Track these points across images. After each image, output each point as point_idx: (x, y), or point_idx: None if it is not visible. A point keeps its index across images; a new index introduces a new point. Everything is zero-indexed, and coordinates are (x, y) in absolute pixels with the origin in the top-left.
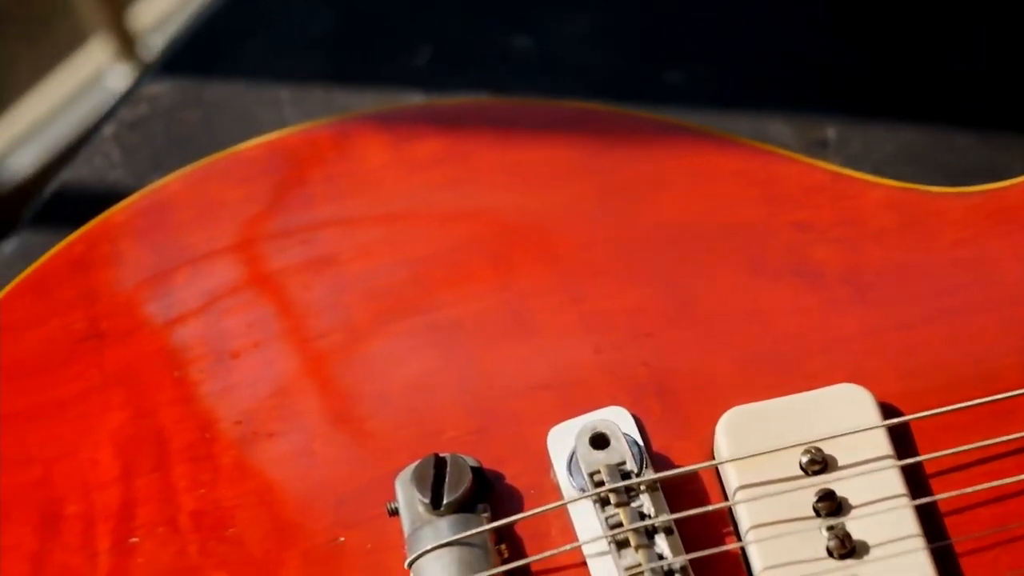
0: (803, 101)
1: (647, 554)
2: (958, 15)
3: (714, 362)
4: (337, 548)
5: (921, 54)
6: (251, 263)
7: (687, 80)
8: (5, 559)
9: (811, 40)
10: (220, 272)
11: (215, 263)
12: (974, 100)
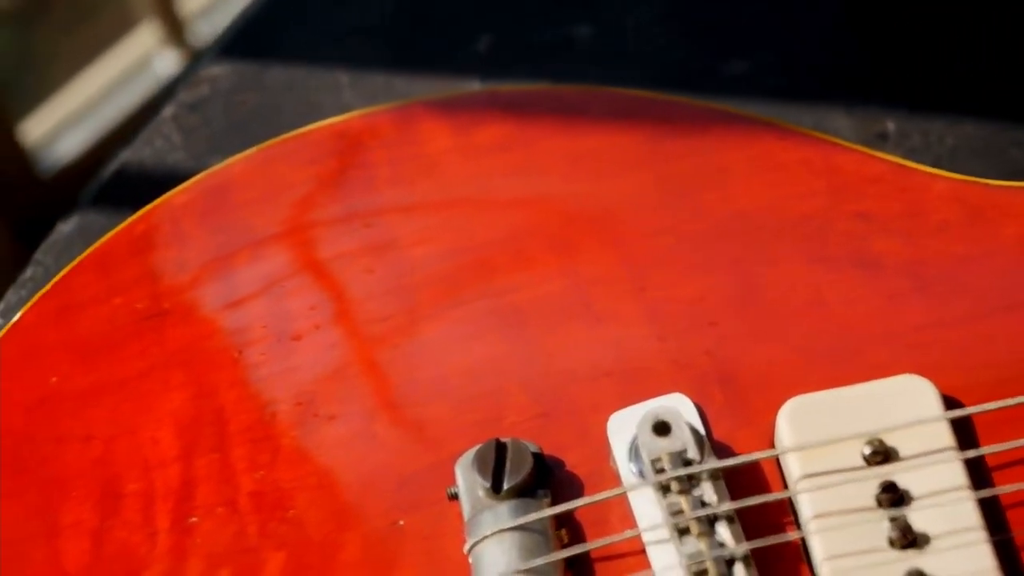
0: (863, 94)
1: (708, 542)
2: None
3: (776, 352)
4: (396, 531)
5: (983, 48)
6: (313, 246)
7: (749, 71)
8: (66, 536)
9: (872, 32)
10: (282, 254)
11: (277, 245)
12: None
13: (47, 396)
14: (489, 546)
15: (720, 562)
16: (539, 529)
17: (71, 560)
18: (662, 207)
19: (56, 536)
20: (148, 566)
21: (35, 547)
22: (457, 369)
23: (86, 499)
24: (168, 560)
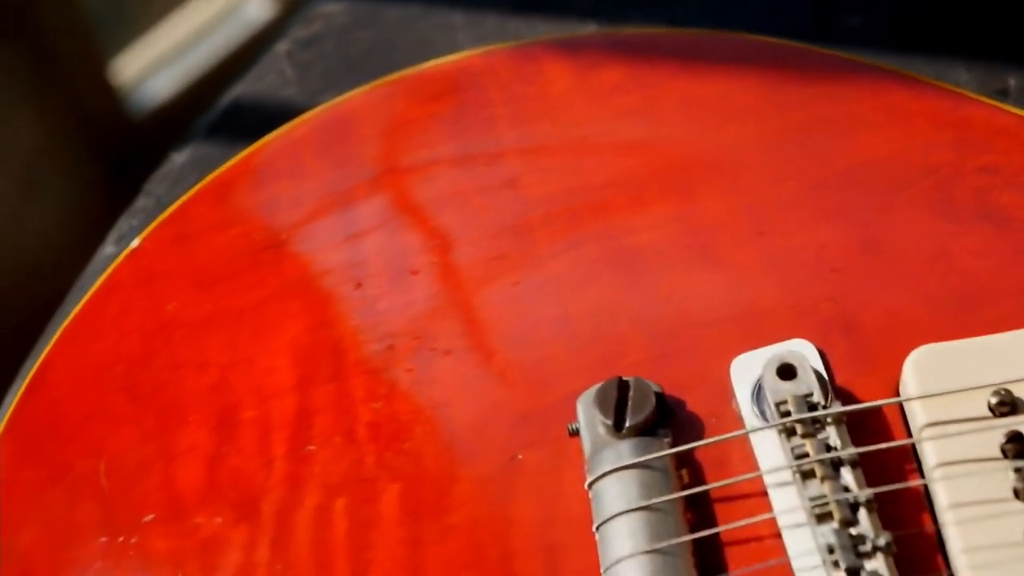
0: (985, 49)
1: (833, 486)
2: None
3: (900, 301)
4: (515, 466)
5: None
6: (432, 182)
7: (867, 24)
8: (182, 460)
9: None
10: (399, 190)
11: (395, 181)
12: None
13: (164, 323)
14: (610, 483)
15: (844, 506)
16: (660, 468)
17: (186, 485)
18: (784, 154)
19: (172, 461)
20: (264, 493)
21: (150, 471)
22: (575, 309)
23: (202, 425)
24: (284, 488)
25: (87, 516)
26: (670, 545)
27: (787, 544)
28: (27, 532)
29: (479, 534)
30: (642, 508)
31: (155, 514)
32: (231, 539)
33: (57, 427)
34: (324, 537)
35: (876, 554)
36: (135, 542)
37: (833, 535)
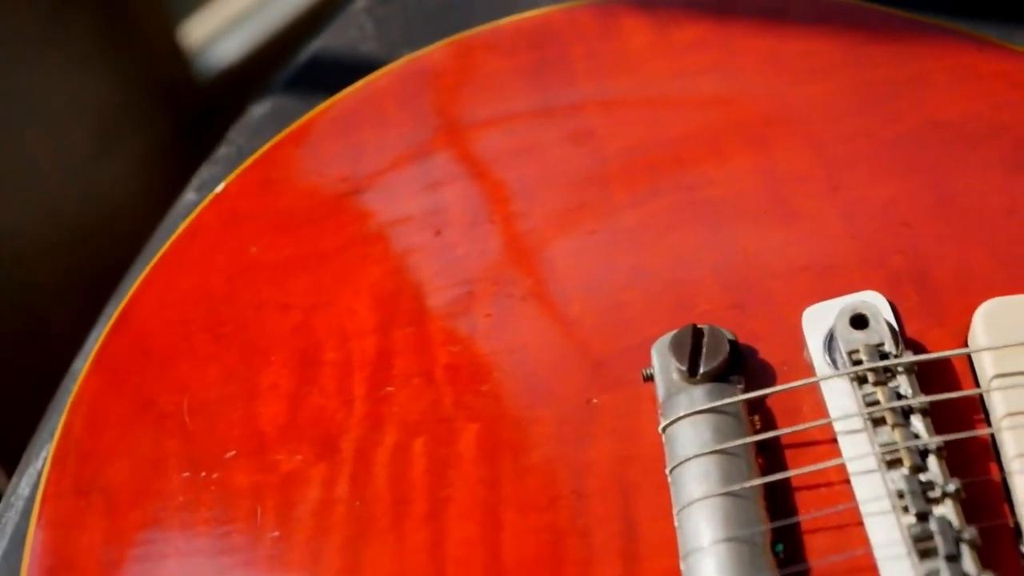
0: None
1: (903, 433)
2: None
3: (970, 256)
4: (590, 409)
5: None
6: (512, 134)
7: None
8: (264, 399)
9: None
10: (481, 140)
11: (476, 131)
12: None
13: (248, 265)
14: (683, 427)
15: (914, 452)
16: (733, 413)
17: (268, 422)
18: (858, 112)
19: (254, 398)
20: (344, 432)
21: (233, 408)
22: (651, 258)
23: (284, 365)
24: (363, 427)
25: (170, 451)
26: (742, 488)
27: (856, 490)
28: (112, 464)
29: (555, 474)
30: (715, 452)
31: (237, 450)
32: (311, 476)
33: (142, 364)
34: (402, 475)
35: (944, 500)
36: (217, 477)
37: (903, 481)
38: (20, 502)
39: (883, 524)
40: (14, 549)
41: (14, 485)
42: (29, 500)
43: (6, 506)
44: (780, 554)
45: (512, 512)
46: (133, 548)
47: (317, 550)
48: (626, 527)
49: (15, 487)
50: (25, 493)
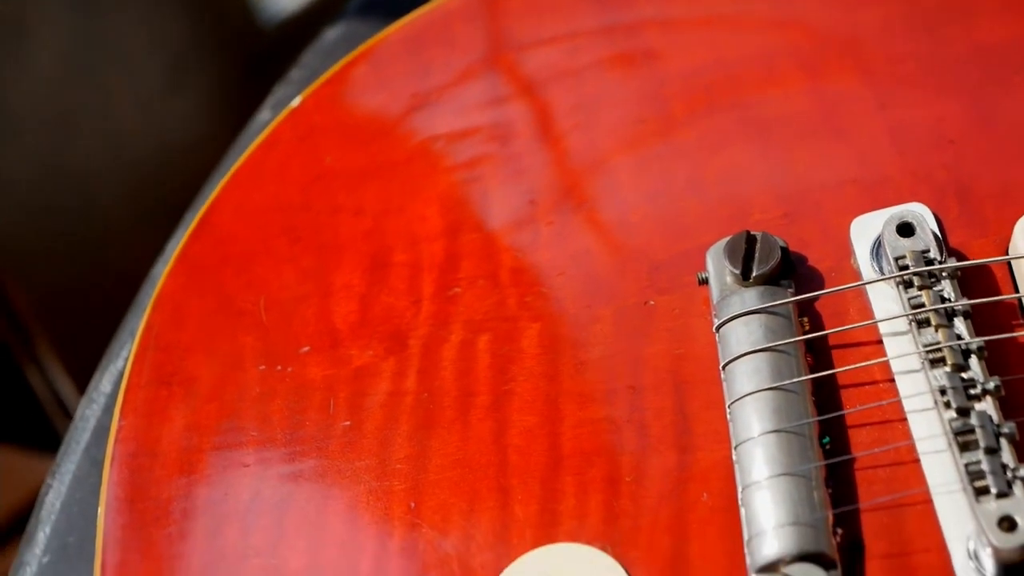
0: None
1: (947, 333)
2: None
3: (1013, 171)
4: (647, 310)
5: None
6: (575, 53)
7: None
8: (337, 298)
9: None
10: (546, 59)
11: (541, 50)
12: None
13: (322, 173)
14: (736, 326)
15: (957, 352)
16: (783, 313)
17: (340, 319)
18: (908, 36)
19: (328, 297)
20: (413, 329)
21: (308, 306)
22: (709, 171)
23: (356, 266)
24: (431, 325)
25: (247, 346)
26: (792, 383)
27: (900, 387)
28: (193, 358)
29: (612, 370)
30: (766, 349)
31: (311, 346)
32: (381, 369)
33: (221, 265)
34: (467, 370)
35: (985, 397)
36: (291, 371)
37: (946, 378)
38: (102, 398)
39: (926, 419)
40: (96, 442)
41: (96, 381)
42: (111, 396)
43: (88, 401)
44: (827, 446)
45: (571, 404)
46: (211, 436)
47: (386, 438)
48: (680, 419)
49: (97, 383)
50: (107, 389)
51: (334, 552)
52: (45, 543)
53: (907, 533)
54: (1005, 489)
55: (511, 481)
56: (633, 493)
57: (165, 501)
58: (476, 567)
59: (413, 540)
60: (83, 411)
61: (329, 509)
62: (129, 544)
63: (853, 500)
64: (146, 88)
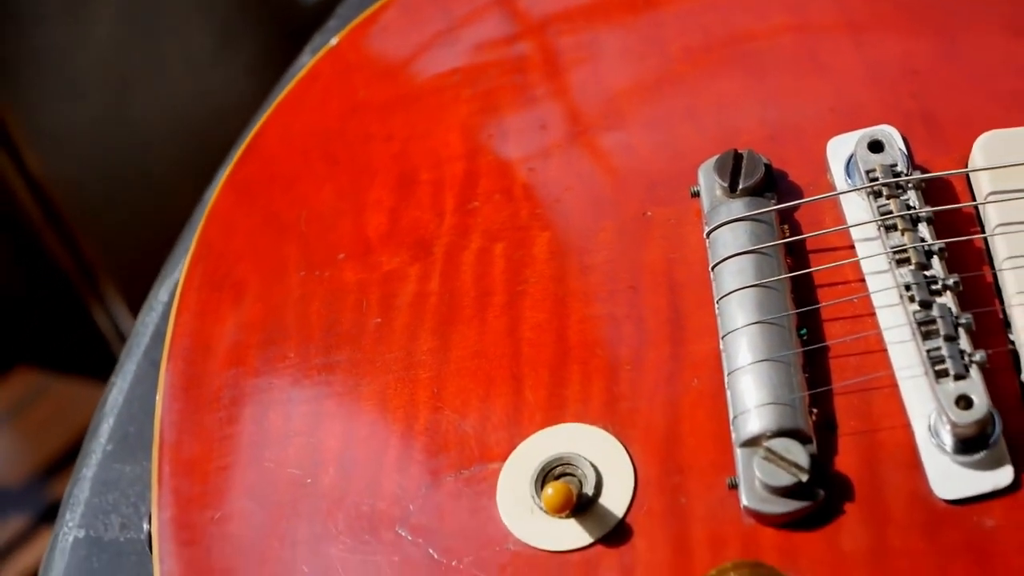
0: None
1: (912, 236)
2: None
3: (972, 100)
4: (645, 221)
5: None
6: None
7: None
8: (369, 212)
9: None
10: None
11: None
12: None
13: (357, 105)
14: (724, 232)
15: (920, 252)
16: (766, 220)
17: (372, 230)
18: None
19: (361, 211)
20: (436, 238)
21: (344, 219)
22: (701, 99)
23: (386, 184)
24: (452, 235)
25: (290, 254)
26: (773, 281)
27: (869, 285)
28: (242, 265)
29: (614, 273)
30: (751, 251)
31: (346, 253)
32: (408, 273)
33: (268, 184)
34: (485, 273)
35: (945, 292)
36: (328, 275)
37: (910, 275)
38: (160, 306)
39: (892, 313)
40: (155, 345)
41: (154, 292)
42: (167, 304)
43: (148, 310)
44: (804, 336)
45: (577, 303)
46: (257, 333)
47: (412, 333)
48: (673, 316)
49: (155, 294)
50: (164, 298)
51: (366, 431)
52: (108, 433)
53: (875, 413)
54: (962, 372)
55: (523, 370)
56: (631, 380)
57: (216, 389)
58: (491, 444)
59: (436, 421)
60: (143, 318)
61: (361, 395)
62: (184, 427)
63: (827, 383)
64: (196, 54)
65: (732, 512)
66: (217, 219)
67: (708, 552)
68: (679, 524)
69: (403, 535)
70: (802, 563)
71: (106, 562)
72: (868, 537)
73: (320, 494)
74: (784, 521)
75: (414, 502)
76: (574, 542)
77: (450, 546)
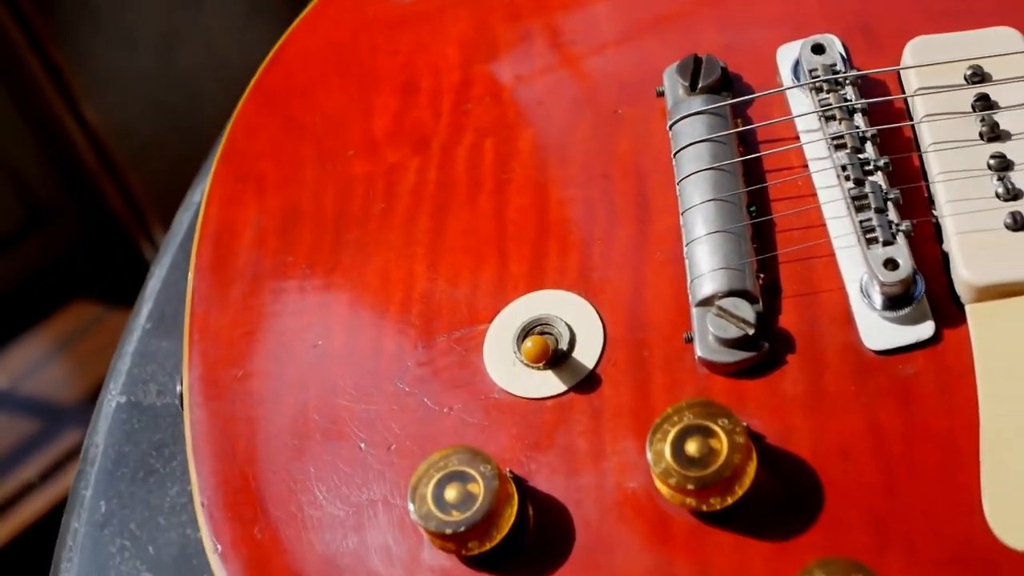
0: None
1: (848, 124)
2: None
3: (908, 15)
4: (616, 118)
5: None
6: None
7: None
8: (376, 114)
9: None
10: None
11: None
12: None
13: (367, 23)
14: (684, 124)
15: (855, 137)
16: (721, 114)
17: (379, 130)
18: None
19: (369, 115)
20: (434, 135)
21: (354, 121)
22: (665, 13)
23: (391, 91)
24: (448, 132)
25: (306, 152)
26: (726, 164)
27: (811, 166)
28: (263, 161)
29: (589, 162)
30: (708, 140)
31: (355, 150)
32: (409, 166)
33: (287, 91)
34: (476, 164)
35: (876, 172)
36: (339, 169)
37: (846, 158)
38: (194, 205)
39: (831, 192)
40: (189, 239)
41: (190, 193)
42: (198, 204)
43: (183, 208)
44: (753, 212)
45: (556, 189)
46: (277, 218)
47: (412, 216)
48: (640, 199)
49: (190, 195)
50: (197, 198)
51: (370, 300)
52: (147, 314)
53: (814, 278)
54: (890, 239)
55: (508, 246)
56: (603, 254)
57: (241, 267)
58: (479, 309)
59: (431, 291)
60: (179, 216)
61: (367, 270)
62: (211, 300)
63: (773, 251)
64: (233, 14)
65: (688, 363)
66: (242, 123)
67: (667, 395)
68: (642, 373)
69: (401, 388)
70: (749, 405)
71: (144, 423)
72: (806, 383)
73: (330, 354)
74: (733, 370)
75: (411, 359)
76: (550, 390)
77: (442, 396)
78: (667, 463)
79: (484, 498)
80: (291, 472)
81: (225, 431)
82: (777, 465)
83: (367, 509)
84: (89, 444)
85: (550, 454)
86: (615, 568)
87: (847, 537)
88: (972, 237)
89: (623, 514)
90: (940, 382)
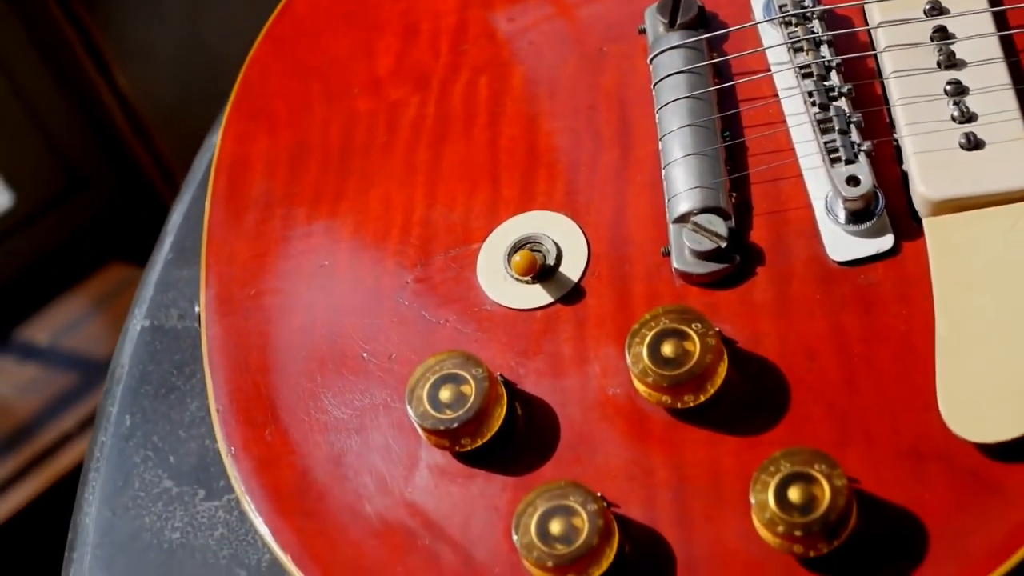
0: None
1: (815, 55)
2: None
3: None
4: (601, 55)
5: None
6: None
7: None
8: (379, 55)
9: None
10: None
11: None
12: None
13: None
14: (664, 58)
15: (821, 66)
16: (698, 48)
17: (382, 69)
18: None
19: (373, 56)
20: (433, 74)
21: (359, 63)
22: None
23: (394, 34)
24: (446, 71)
25: (314, 91)
26: (702, 92)
27: (780, 94)
28: (275, 101)
29: (576, 95)
30: (685, 71)
31: (360, 88)
32: (409, 102)
33: (297, 37)
34: (471, 100)
35: (840, 98)
36: (345, 106)
37: (813, 85)
38: (212, 147)
39: (799, 117)
40: (207, 177)
41: (208, 136)
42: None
43: (203, 150)
44: (727, 138)
45: (545, 120)
46: (287, 152)
47: (412, 147)
48: (623, 127)
49: (209, 138)
50: (214, 140)
51: (373, 224)
52: (169, 246)
53: (783, 197)
54: (852, 158)
55: (500, 173)
56: (588, 178)
57: (254, 196)
58: (473, 229)
59: (430, 212)
60: (199, 158)
61: (371, 194)
62: (227, 226)
63: (745, 171)
64: None
65: (665, 274)
66: (255, 66)
67: (646, 305)
68: (622, 285)
69: (401, 302)
70: (722, 312)
71: (166, 345)
72: (774, 291)
73: (336, 273)
74: (707, 280)
75: (410, 276)
76: (538, 302)
77: (439, 309)
78: (644, 363)
79: (475, 398)
80: (299, 380)
81: (239, 344)
82: (747, 366)
83: (369, 412)
84: (115, 364)
85: (538, 360)
86: (597, 462)
87: (811, 431)
88: (929, 156)
89: (604, 413)
90: (899, 290)
